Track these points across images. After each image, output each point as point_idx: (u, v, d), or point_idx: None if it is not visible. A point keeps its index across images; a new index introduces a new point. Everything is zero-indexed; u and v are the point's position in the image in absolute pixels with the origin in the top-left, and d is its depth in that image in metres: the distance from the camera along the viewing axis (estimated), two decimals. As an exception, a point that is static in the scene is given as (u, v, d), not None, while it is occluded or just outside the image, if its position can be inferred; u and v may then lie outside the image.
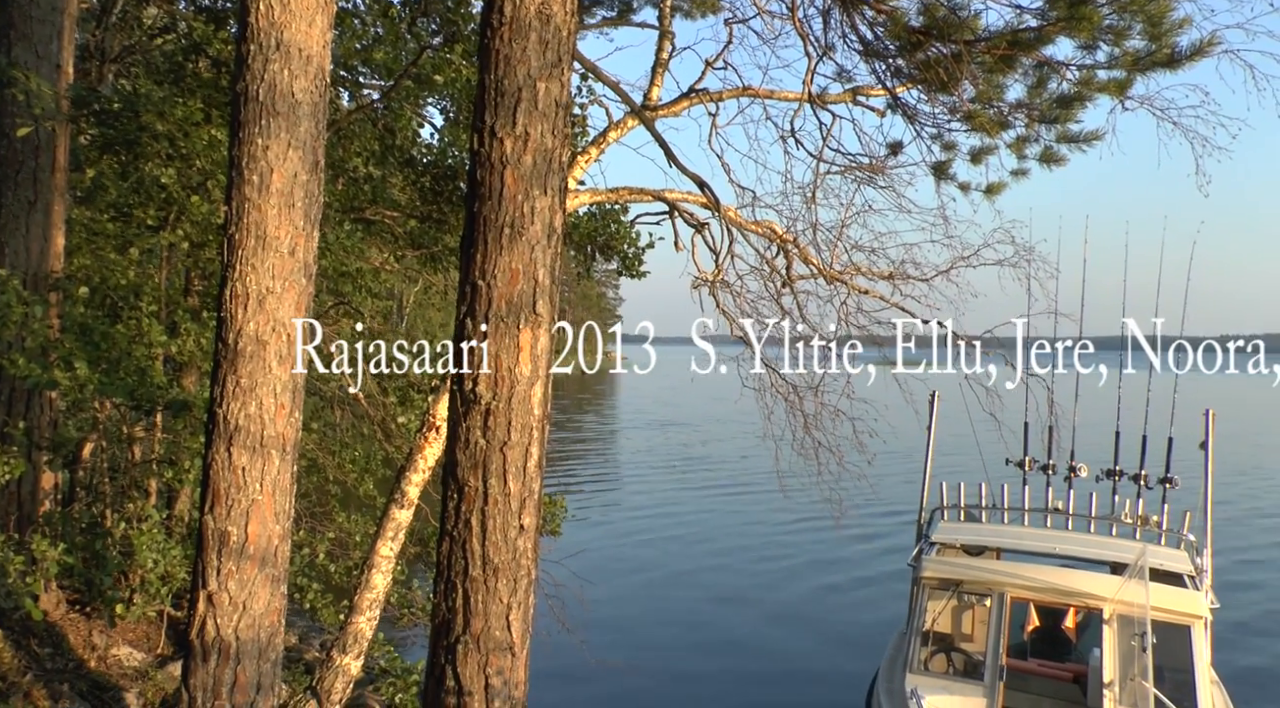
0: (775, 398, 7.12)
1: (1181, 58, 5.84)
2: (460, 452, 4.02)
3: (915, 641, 8.16)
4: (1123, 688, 7.37)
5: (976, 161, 7.04)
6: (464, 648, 3.88)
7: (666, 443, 39.61)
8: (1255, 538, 21.74)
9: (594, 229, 8.70)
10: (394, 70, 8.96)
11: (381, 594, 7.66)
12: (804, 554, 19.00)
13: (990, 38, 5.73)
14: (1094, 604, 7.86)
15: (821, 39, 6.35)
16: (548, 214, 3.97)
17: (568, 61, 3.94)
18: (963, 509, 9.64)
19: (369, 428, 12.30)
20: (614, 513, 23.89)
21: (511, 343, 3.97)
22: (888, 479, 25.42)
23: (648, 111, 6.63)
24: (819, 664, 12.67)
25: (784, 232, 6.99)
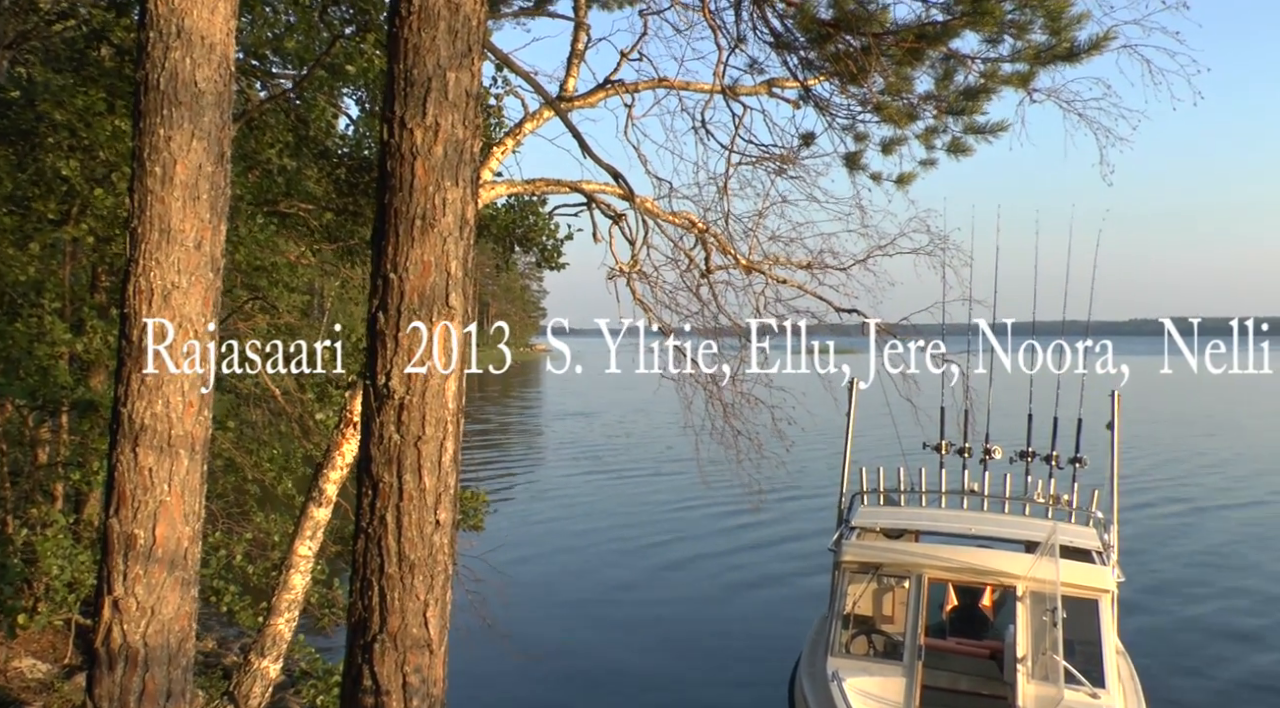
0: (694, 388, 7.15)
1: (1080, 52, 6.01)
2: (374, 447, 3.96)
3: (836, 624, 8.30)
4: (1035, 662, 7.60)
5: (888, 152, 7.16)
6: (381, 647, 3.82)
7: (590, 434, 39.64)
8: (1159, 512, 22.63)
9: (512, 221, 8.63)
10: (306, 59, 8.76)
11: (300, 595, 7.52)
12: (726, 542, 19.19)
13: (898, 31, 5.83)
14: (1008, 582, 8.09)
15: (733, 31, 6.41)
16: (460, 206, 3.93)
17: (478, 51, 3.89)
18: (882, 493, 9.82)
19: (287, 425, 12.05)
20: (537, 506, 23.83)
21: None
22: (810, 466, 25.84)
23: (563, 103, 6.59)
24: (742, 651, 12.81)
25: (702, 222, 7.02)
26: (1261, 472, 29.80)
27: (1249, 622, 14.57)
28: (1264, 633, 13.99)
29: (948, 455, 10.24)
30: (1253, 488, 26.88)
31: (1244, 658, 12.87)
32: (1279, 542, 20.06)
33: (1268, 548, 19.50)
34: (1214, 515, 22.91)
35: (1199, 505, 24.22)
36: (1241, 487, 27.11)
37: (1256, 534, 20.79)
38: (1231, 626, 14.29)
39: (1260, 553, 19.13)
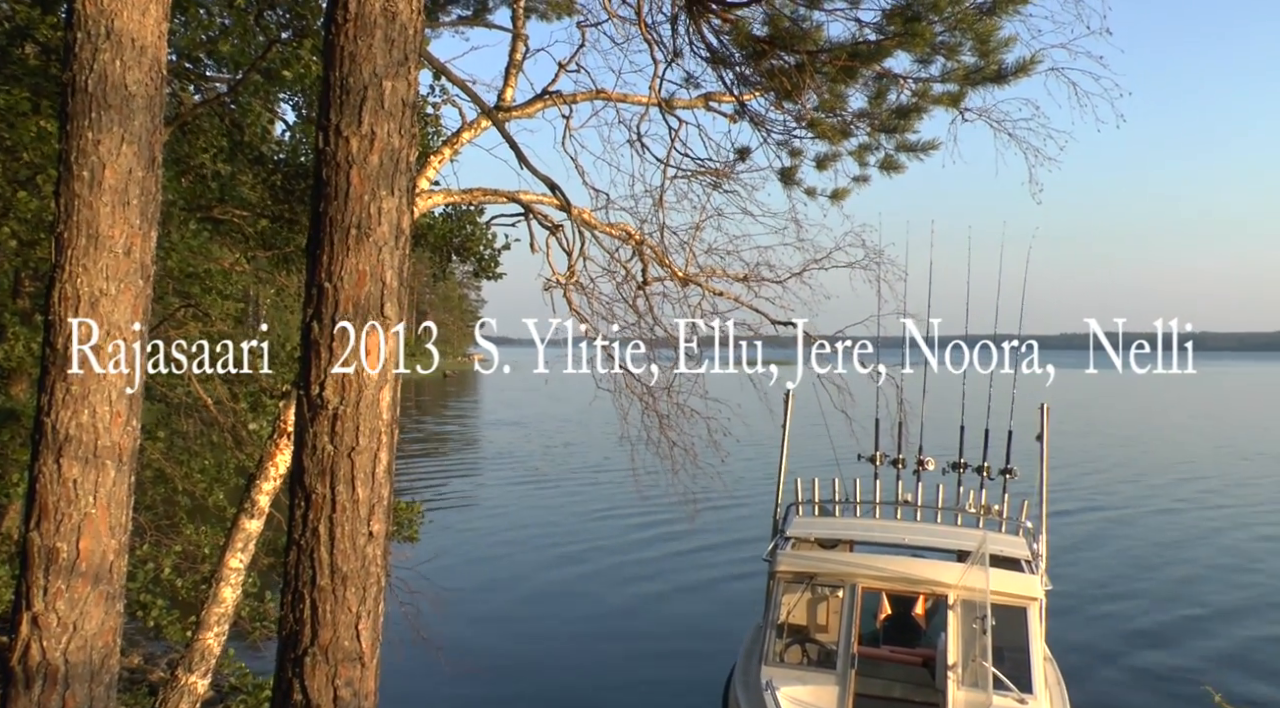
0: (630, 399, 7.17)
1: (1008, 73, 6.19)
2: (308, 458, 3.91)
3: (770, 633, 8.38)
4: (965, 669, 7.75)
5: (822, 168, 7.28)
6: (312, 660, 3.77)
7: (528, 444, 39.49)
8: (1085, 520, 23.23)
9: (450, 230, 8.58)
10: (242, 63, 8.63)
11: (231, 608, 7.36)
12: (662, 553, 19.25)
13: (832, 49, 5.93)
14: (940, 591, 8.24)
15: (670, 45, 6.46)
16: (395, 215, 3.91)
17: (415, 60, 3.89)
18: (817, 504, 9.95)
19: (219, 436, 11.82)
20: (474, 516, 23.67)
21: (359, 346, 3.89)
22: (747, 476, 26.05)
23: (501, 113, 6.59)
24: (677, 661, 12.84)
25: (639, 234, 7.06)
26: (1177, 479, 30.75)
27: (1168, 626, 15.04)
28: (1181, 636, 14.44)
29: (882, 466, 10.41)
30: (1169, 494, 27.73)
31: (1163, 661, 13.26)
32: (1196, 547, 20.70)
33: (1186, 554, 20.11)
34: (1136, 523, 23.59)
35: (1122, 513, 24.94)
36: (1159, 494, 27.94)
37: (1174, 540, 21.44)
38: (1151, 630, 14.74)
39: (1178, 559, 19.74)
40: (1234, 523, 23.76)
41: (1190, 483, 30.37)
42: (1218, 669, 12.90)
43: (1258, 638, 14.40)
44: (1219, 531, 22.88)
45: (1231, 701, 11.73)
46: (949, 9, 5.71)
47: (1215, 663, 13.23)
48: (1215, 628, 14.88)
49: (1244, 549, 20.58)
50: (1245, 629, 14.82)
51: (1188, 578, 18.06)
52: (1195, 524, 23.70)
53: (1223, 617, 15.52)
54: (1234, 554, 20.08)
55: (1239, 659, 13.44)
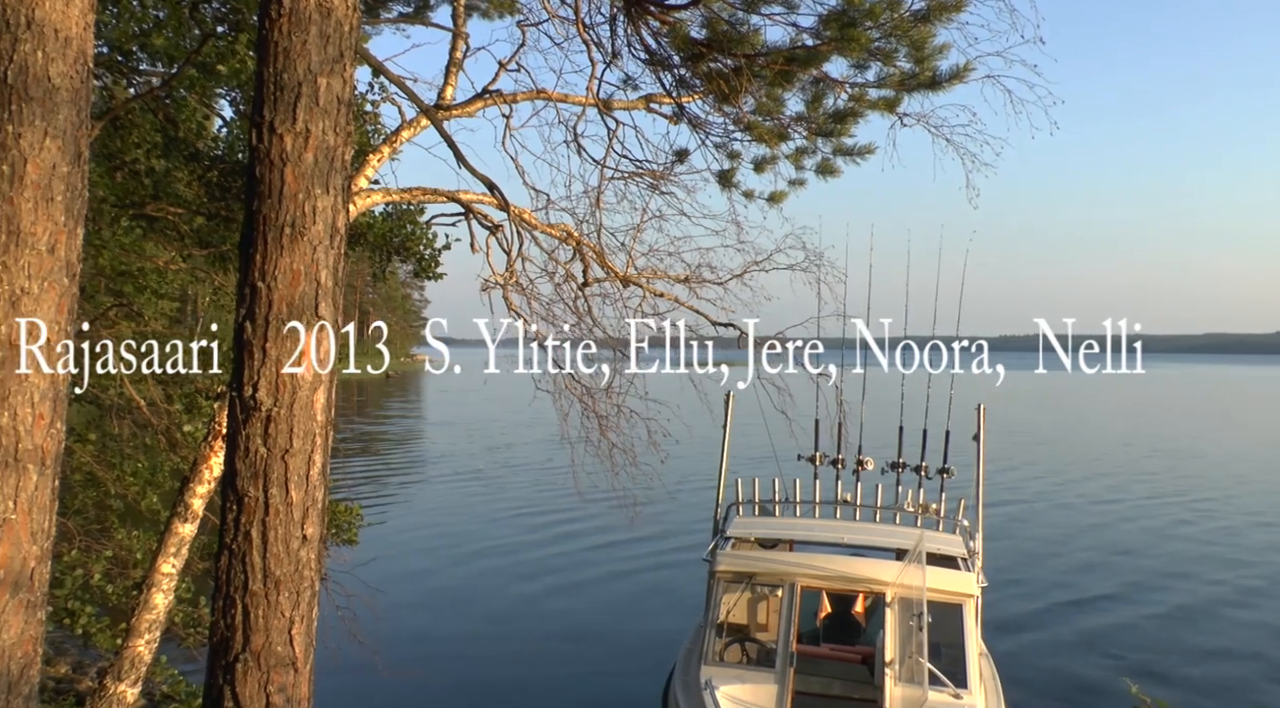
0: (571, 400, 7.15)
1: (942, 80, 6.29)
2: (240, 461, 3.84)
3: (710, 633, 8.42)
4: (902, 665, 7.85)
5: (760, 170, 7.34)
6: (243, 666, 3.70)
7: (470, 445, 39.26)
8: (1023, 519, 23.70)
9: (389, 230, 8.48)
10: (176, 57, 8.45)
11: (163, 615, 7.20)
12: (604, 554, 19.26)
13: (769, 53, 5.98)
14: (878, 589, 8.34)
15: (609, 46, 6.46)
16: (330, 214, 3.86)
17: (351, 57, 3.84)
18: (757, 504, 10.01)
19: (153, 438, 11.55)
20: (415, 518, 23.47)
21: (293, 346, 3.83)
22: (689, 477, 26.17)
23: (441, 111, 6.53)
24: (618, 661, 12.86)
25: (580, 235, 7.04)
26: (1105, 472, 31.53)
27: (1098, 618, 15.43)
28: (1110, 628, 14.81)
29: (822, 466, 10.51)
30: (1103, 492, 28.41)
31: (1093, 653, 13.57)
32: (1125, 541, 21.22)
33: (1118, 548, 20.62)
34: (1071, 519, 24.15)
35: (1058, 509, 25.53)
36: (1095, 491, 28.62)
37: (1106, 536, 21.97)
38: (1083, 623, 15.09)
39: (1109, 553, 20.24)
40: (1174, 520, 24.45)
41: (1117, 480, 31.20)
42: (1145, 659, 13.26)
43: (1182, 627, 14.82)
44: (1148, 525, 23.57)
45: (1155, 682, 12.10)
46: (884, 15, 5.79)
47: (1141, 652, 13.60)
48: (1142, 620, 15.28)
49: (1177, 544, 21.16)
50: (1173, 621, 15.24)
51: (1121, 572, 18.53)
52: (1127, 520, 24.34)
53: (1148, 607, 15.96)
54: (1165, 549, 20.64)
55: (1164, 649, 13.82)
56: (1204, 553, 20.62)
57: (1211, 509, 26.19)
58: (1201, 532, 23.02)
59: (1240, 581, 18.21)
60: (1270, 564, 19.67)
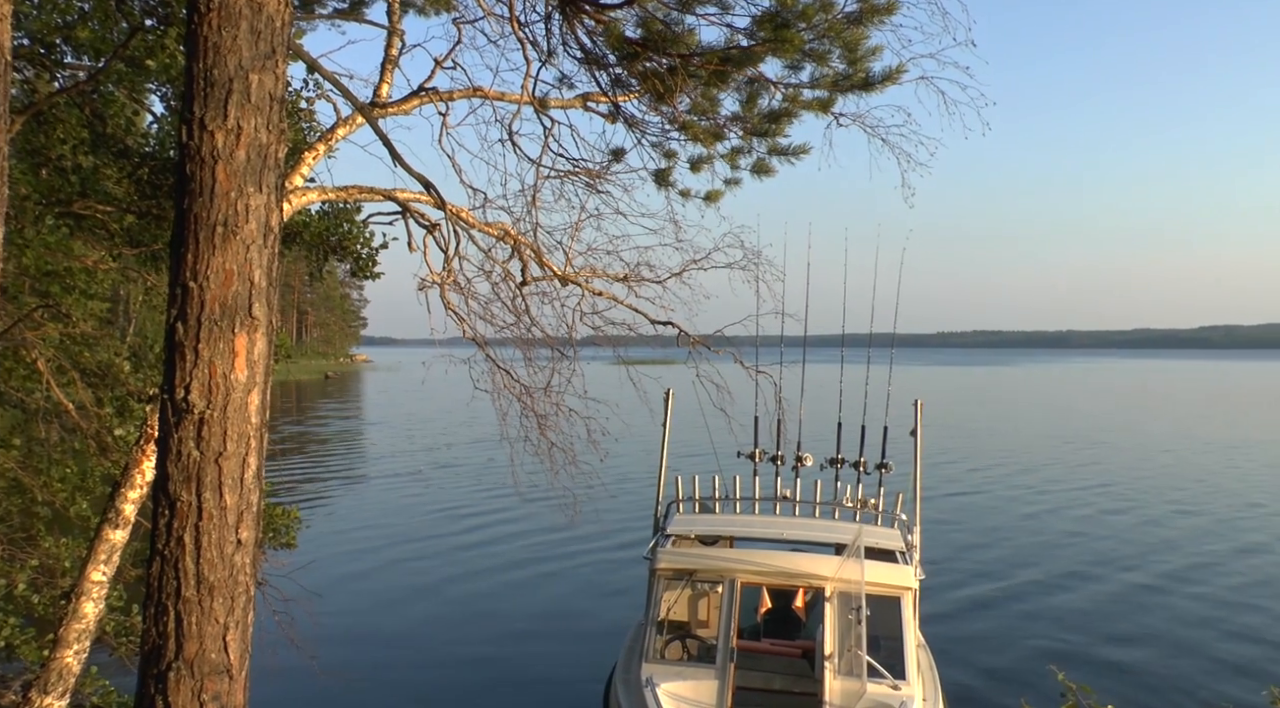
0: (509, 400, 7.13)
1: (875, 81, 6.40)
2: (172, 465, 3.77)
3: (651, 630, 8.45)
4: (842, 658, 7.96)
5: (696, 170, 7.39)
6: (176, 675, 3.63)
7: (411, 445, 38.92)
8: (960, 512, 24.17)
9: (326, 228, 8.37)
10: (103, 51, 8.24)
11: (93, 624, 7.02)
12: (545, 553, 19.23)
13: (704, 53, 6.02)
14: (818, 584, 8.44)
15: (544, 45, 6.44)
16: (264, 212, 3.80)
17: (283, 53, 3.78)
18: (697, 501, 10.07)
19: (82, 442, 11.25)
20: (354, 520, 23.21)
21: (226, 348, 3.76)
22: (631, 475, 26.24)
23: (377, 109, 6.46)
24: (559, 661, 12.84)
25: (518, 233, 7.02)
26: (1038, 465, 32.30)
27: (1031, 607, 15.80)
28: (1042, 617, 15.18)
29: (761, 463, 10.61)
30: (1038, 483, 29.09)
31: (1027, 641, 13.91)
32: (1058, 531, 21.76)
33: (1051, 537, 21.13)
34: (1007, 511, 24.67)
35: (995, 502, 26.06)
36: (1029, 482, 29.29)
37: (1041, 525, 22.50)
38: (1017, 613, 15.44)
39: (1043, 543, 20.74)
40: (1102, 509, 25.14)
41: (1050, 472, 31.98)
42: (1074, 645, 13.62)
43: (1109, 613, 15.24)
44: (1079, 514, 24.22)
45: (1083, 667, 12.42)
46: (817, 17, 5.87)
47: (1071, 639, 13.97)
48: (1073, 607, 15.68)
49: (1105, 533, 21.74)
50: (1101, 607, 15.66)
51: (1051, 561, 19.01)
52: (1059, 510, 24.98)
53: (1078, 594, 16.39)
54: (1094, 537, 21.20)
55: (1092, 634, 14.21)
56: (1129, 541, 21.25)
57: (1137, 498, 26.99)
58: (1128, 521, 23.74)
59: (1163, 567, 18.83)
60: (1191, 550, 20.33)
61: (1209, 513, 24.99)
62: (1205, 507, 25.88)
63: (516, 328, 7.17)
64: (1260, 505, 26.13)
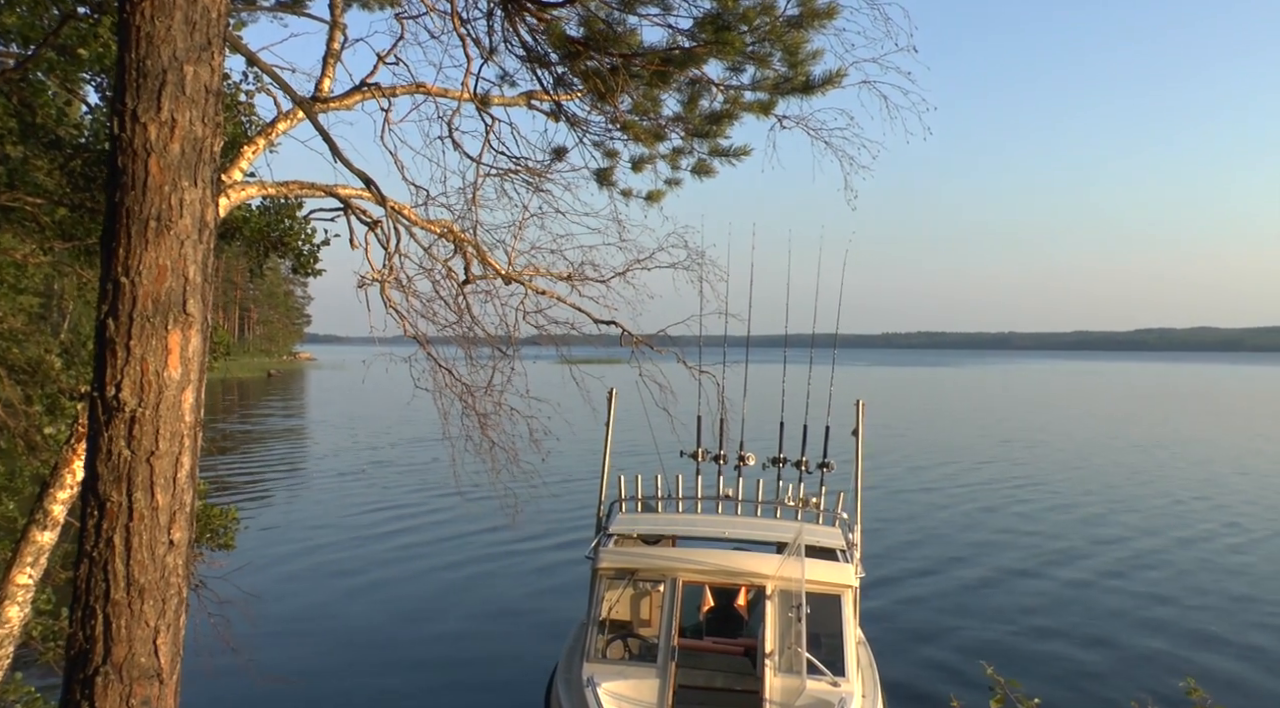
0: (451, 399, 7.08)
1: (816, 84, 6.47)
2: (102, 465, 3.69)
3: (593, 629, 8.46)
4: (782, 656, 8.04)
5: (637, 169, 7.41)
6: (104, 679, 3.55)
7: (354, 445, 38.49)
8: (900, 512, 24.52)
9: (266, 224, 8.24)
10: (32, 39, 8.02)
11: (18, 629, 6.83)
12: (487, 553, 19.14)
13: (646, 53, 6.05)
14: (759, 582, 8.51)
15: (486, 42, 6.42)
16: (199, 207, 3.73)
17: (219, 45, 3.72)
18: (640, 501, 10.09)
19: (9, 441, 10.94)
20: (295, 520, 22.89)
21: (159, 345, 3.69)
22: (574, 475, 26.24)
23: (319, 104, 6.36)
24: (501, 661, 12.80)
25: (461, 231, 6.96)
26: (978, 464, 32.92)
27: (969, 603, 16.09)
28: (979, 613, 15.46)
29: (704, 462, 10.66)
30: (978, 481, 29.62)
31: (965, 637, 14.16)
32: (996, 529, 22.18)
33: (989, 535, 21.53)
34: (947, 510, 25.09)
35: (936, 501, 26.50)
36: (970, 481, 29.82)
37: (979, 523, 22.92)
38: (954, 609, 15.71)
39: (981, 540, 21.13)
40: (1041, 507, 25.70)
41: (989, 471, 32.60)
42: (1012, 642, 13.91)
43: (1046, 611, 15.58)
44: (1018, 511, 24.75)
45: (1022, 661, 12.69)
46: (759, 20, 5.93)
47: (1009, 635, 14.26)
48: (1009, 604, 16.00)
49: (1043, 531, 22.21)
50: (1035, 603, 16.01)
51: (989, 558, 19.38)
52: (998, 508, 25.48)
53: (1014, 591, 16.73)
54: (1028, 535, 21.65)
55: (1023, 630, 14.52)
56: (1061, 537, 21.76)
57: (1070, 495, 27.65)
58: (1061, 518, 24.34)
59: (1093, 562, 19.33)
60: (1119, 546, 20.90)
61: (1137, 510, 25.74)
62: (1134, 504, 26.65)
63: (458, 326, 7.11)
64: (1183, 502, 26.98)
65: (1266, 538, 22.13)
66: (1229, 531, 22.86)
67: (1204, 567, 19.24)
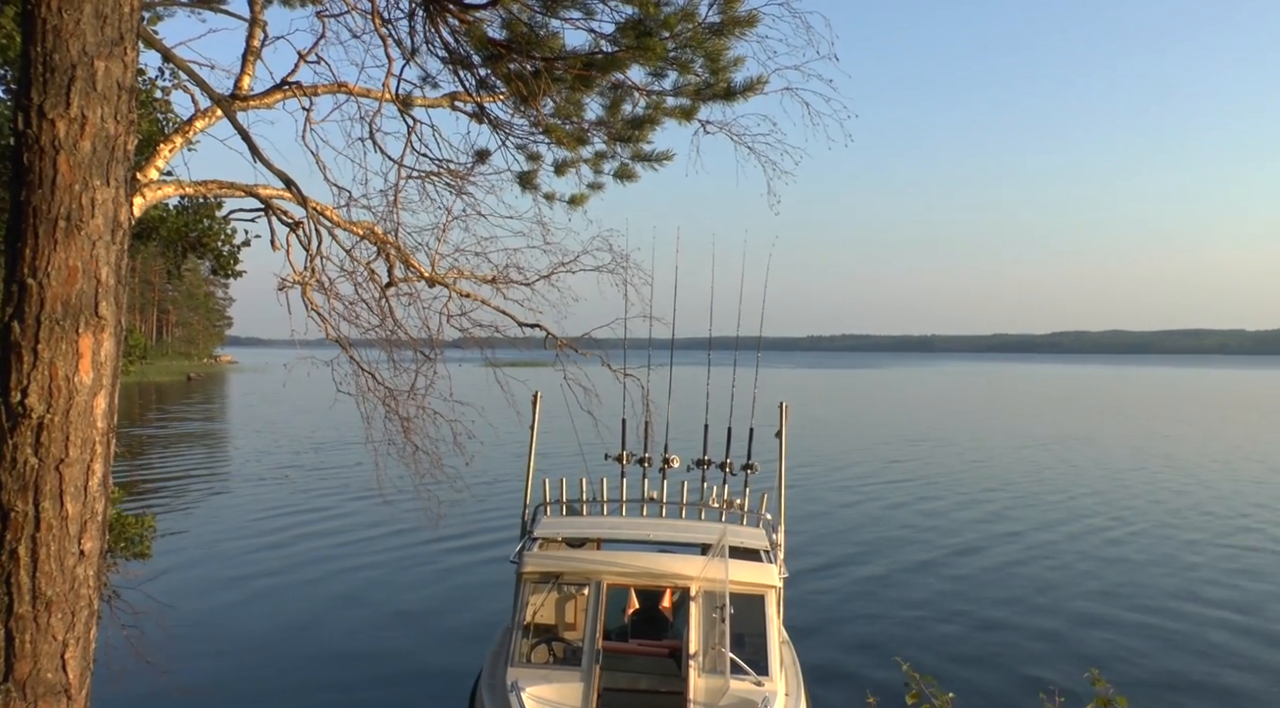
0: (374, 403, 7.00)
1: (737, 91, 6.58)
2: (6, 473, 3.57)
3: (517, 634, 8.42)
4: (706, 656, 8.10)
5: (560, 173, 7.44)
6: (5, 697, 3.44)
7: (277, 450, 37.70)
8: (823, 512, 24.92)
9: (184, 224, 8.06)
10: (-67, 31, 7.71)
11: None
12: (411, 559, 18.90)
13: (568, 57, 6.07)
14: (683, 583, 8.56)
15: (408, 42, 6.37)
16: (111, 207, 3.64)
17: (132, 39, 3.63)
18: (564, 504, 10.07)
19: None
20: (215, 527, 22.31)
21: (70, 349, 3.59)
22: (499, 480, 26.10)
23: (238, 102, 6.24)
24: (424, 668, 12.64)
25: (384, 233, 6.89)
26: (895, 461, 33.62)
27: (889, 599, 16.43)
28: (898, 609, 15.79)
29: (629, 465, 10.69)
30: (897, 480, 30.25)
31: (886, 634, 14.43)
32: (913, 527, 22.66)
33: (907, 533, 21.97)
34: (867, 509, 25.55)
35: (856, 500, 26.97)
36: (889, 479, 30.43)
37: (897, 521, 23.39)
38: (875, 607, 16.01)
39: (900, 539, 21.56)
40: (955, 502, 26.35)
41: (906, 468, 33.33)
42: (924, 636, 14.23)
43: (962, 606, 15.98)
44: (931, 508, 25.40)
45: (940, 655, 13.00)
46: (680, 26, 6.00)
47: (921, 631, 14.58)
48: (928, 599, 16.36)
49: (958, 528, 22.75)
50: (950, 599, 16.40)
51: (907, 555, 19.80)
52: (914, 506, 26.06)
53: (933, 587, 17.11)
54: (944, 531, 22.16)
55: (942, 625, 14.87)
56: (976, 531, 22.34)
57: (982, 492, 28.41)
58: (972, 513, 25.06)
59: (1002, 555, 19.95)
60: (1027, 540, 21.56)
61: (1043, 504, 26.66)
62: (1032, 499, 27.62)
63: (381, 329, 7.03)
64: (1075, 497, 27.91)
65: (1147, 530, 23.25)
66: (1115, 524, 23.91)
67: (1089, 557, 20.20)
